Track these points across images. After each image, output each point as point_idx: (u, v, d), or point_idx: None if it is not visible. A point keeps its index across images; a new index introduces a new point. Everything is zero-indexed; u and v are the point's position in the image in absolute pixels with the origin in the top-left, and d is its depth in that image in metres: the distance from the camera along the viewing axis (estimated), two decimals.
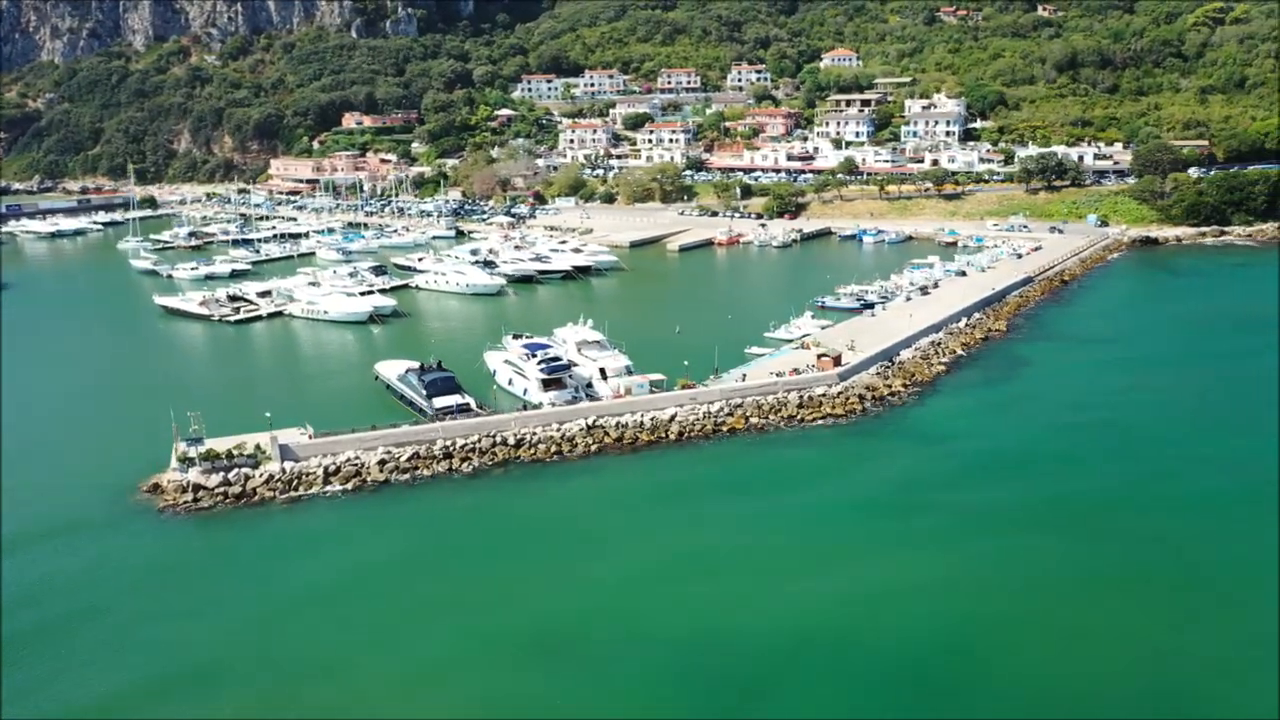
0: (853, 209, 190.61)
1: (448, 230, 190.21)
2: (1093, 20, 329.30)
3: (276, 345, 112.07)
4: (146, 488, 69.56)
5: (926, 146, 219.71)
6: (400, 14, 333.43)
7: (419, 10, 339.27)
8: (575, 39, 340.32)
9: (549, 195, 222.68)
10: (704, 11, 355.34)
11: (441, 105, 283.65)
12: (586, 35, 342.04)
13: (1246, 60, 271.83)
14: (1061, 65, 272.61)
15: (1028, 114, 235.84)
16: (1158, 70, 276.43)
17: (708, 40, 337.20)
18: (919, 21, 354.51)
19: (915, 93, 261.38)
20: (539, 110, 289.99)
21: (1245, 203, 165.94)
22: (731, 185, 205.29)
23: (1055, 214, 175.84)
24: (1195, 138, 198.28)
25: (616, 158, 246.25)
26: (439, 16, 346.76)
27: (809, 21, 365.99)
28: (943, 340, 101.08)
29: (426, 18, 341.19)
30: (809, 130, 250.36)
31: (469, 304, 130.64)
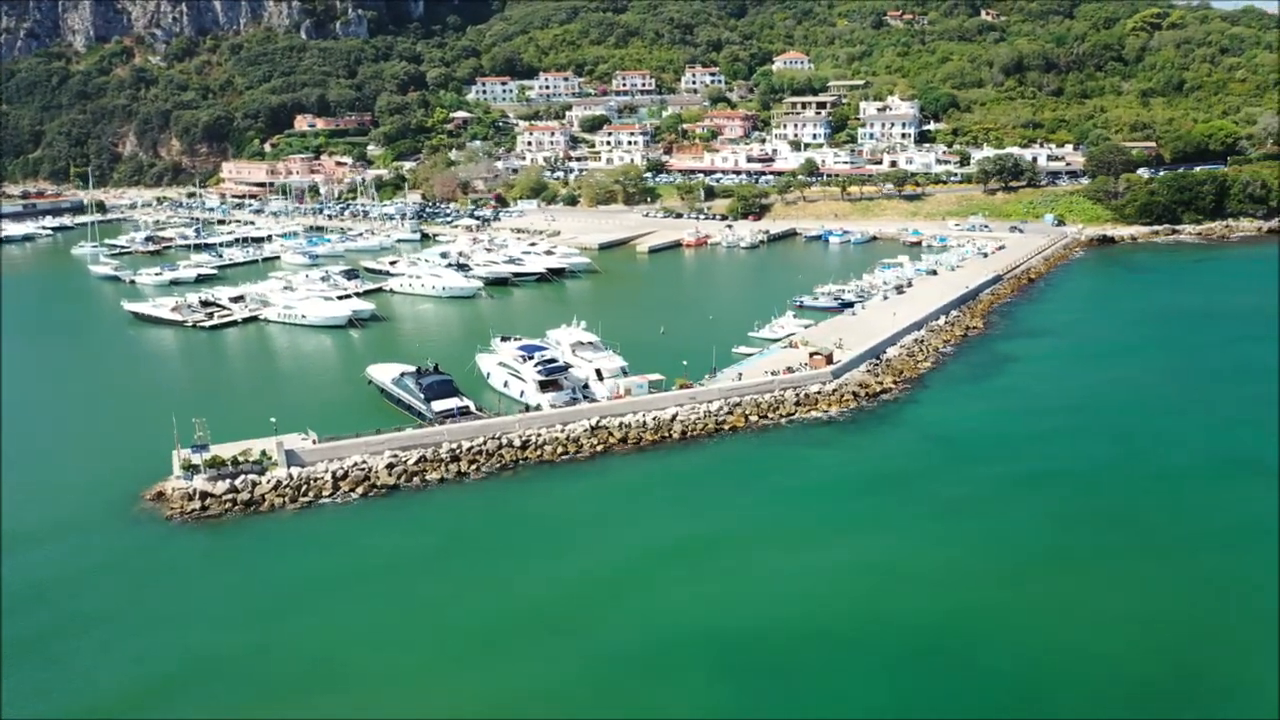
0: (816, 210, 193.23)
1: (412, 233, 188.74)
2: (1035, 25, 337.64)
3: (258, 351, 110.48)
4: (150, 496, 68.43)
5: (883, 148, 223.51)
6: (350, 15, 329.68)
7: (369, 11, 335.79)
8: (528, 41, 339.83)
9: (511, 198, 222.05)
10: (655, 14, 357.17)
11: (396, 107, 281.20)
12: (539, 37, 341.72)
13: (1184, 64, 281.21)
14: (1008, 69, 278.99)
15: (980, 116, 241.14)
16: (1100, 74, 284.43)
17: (660, 43, 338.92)
18: (867, 25, 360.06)
19: (869, 95, 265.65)
20: (495, 113, 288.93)
21: (1194, 202, 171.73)
22: (695, 187, 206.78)
23: (1013, 214, 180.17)
24: (1143, 139, 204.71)
25: (576, 160, 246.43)
26: (389, 18, 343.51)
27: (759, 24, 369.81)
28: (925, 338, 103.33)
29: (377, 19, 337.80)
30: (767, 132, 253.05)
31: (446, 307, 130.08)
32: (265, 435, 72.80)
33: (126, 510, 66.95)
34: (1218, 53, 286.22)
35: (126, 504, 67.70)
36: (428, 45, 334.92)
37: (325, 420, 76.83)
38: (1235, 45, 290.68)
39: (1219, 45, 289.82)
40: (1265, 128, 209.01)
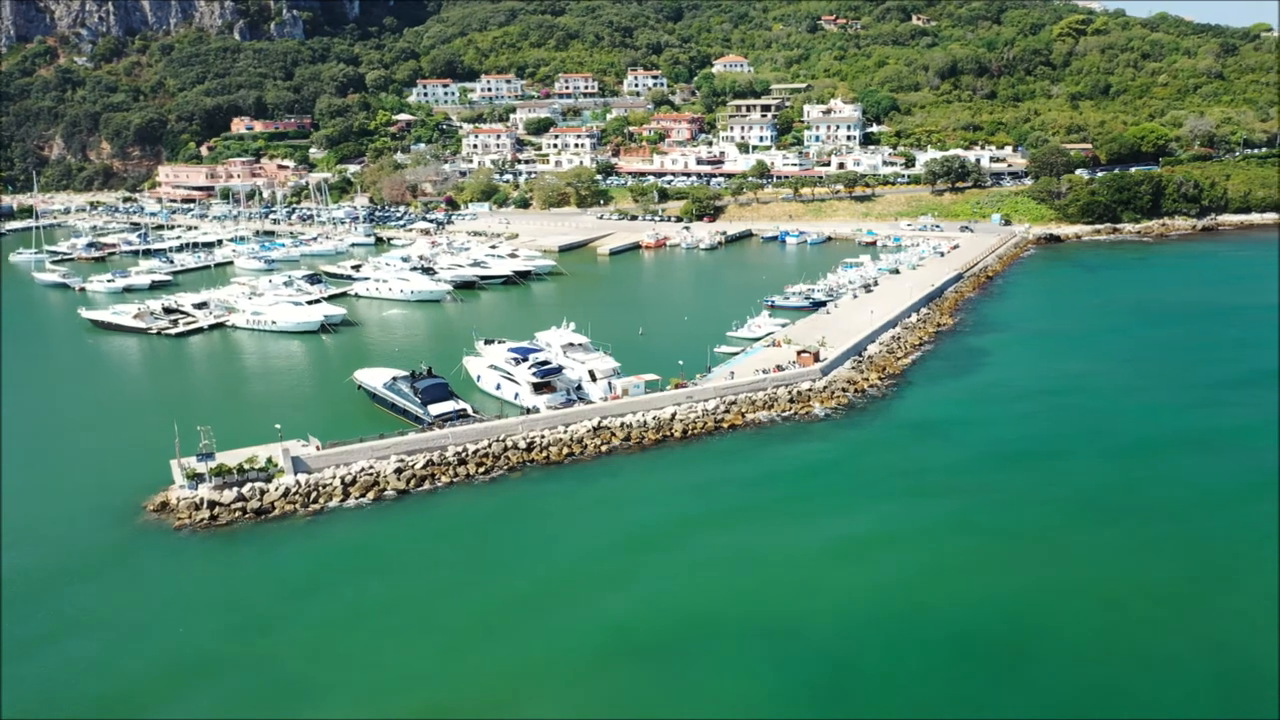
0: (769, 211, 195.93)
1: (366, 237, 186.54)
2: (965, 30, 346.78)
3: (231, 358, 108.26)
4: (153, 507, 67.13)
5: (830, 150, 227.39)
6: (286, 16, 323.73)
7: (304, 12, 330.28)
8: (467, 43, 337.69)
9: (461, 201, 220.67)
10: (595, 17, 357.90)
11: (337, 110, 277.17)
12: (478, 40, 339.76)
13: (1108, 69, 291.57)
14: (944, 73, 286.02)
15: (920, 119, 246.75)
16: (1030, 78, 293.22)
17: (601, 46, 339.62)
18: (802, 29, 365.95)
19: (812, 98, 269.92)
20: (438, 115, 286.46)
21: (1132, 202, 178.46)
22: (649, 189, 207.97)
23: (961, 214, 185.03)
24: (1079, 141, 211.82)
25: (524, 163, 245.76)
26: (325, 19, 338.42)
27: (696, 28, 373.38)
28: (901, 335, 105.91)
29: (313, 20, 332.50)
30: (713, 135, 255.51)
31: (415, 311, 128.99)
32: (259, 443, 71.92)
33: (130, 522, 65.58)
34: (1139, 58, 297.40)
35: (128, 515, 66.34)
36: (365, 47, 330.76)
37: (317, 426, 76.06)
38: (1156, 50, 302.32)
39: (1140, 50, 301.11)
40: (1192, 130, 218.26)
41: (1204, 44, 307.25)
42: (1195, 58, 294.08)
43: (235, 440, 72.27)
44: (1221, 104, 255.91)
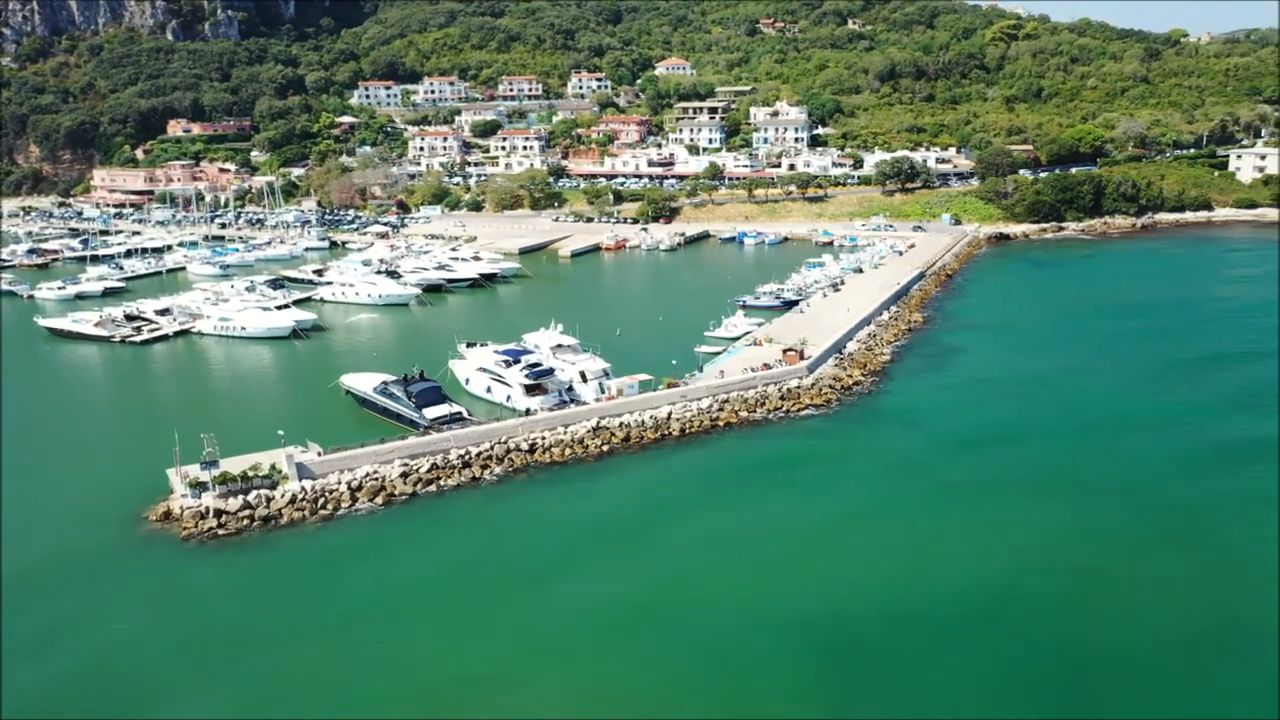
0: (724, 212, 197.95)
1: (320, 241, 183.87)
2: (900, 35, 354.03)
3: (204, 365, 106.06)
4: (156, 517, 65.71)
5: (778, 152, 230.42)
6: (220, 16, 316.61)
7: (239, 12, 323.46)
8: (408, 45, 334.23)
9: (413, 204, 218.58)
10: (536, 20, 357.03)
11: (278, 112, 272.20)
12: (419, 41, 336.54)
13: (1040, 73, 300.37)
14: (883, 76, 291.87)
15: (865, 121, 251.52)
16: (965, 81, 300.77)
17: (543, 48, 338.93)
18: (741, 33, 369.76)
19: (757, 100, 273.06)
20: (381, 117, 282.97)
21: (1075, 201, 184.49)
22: (603, 191, 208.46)
23: (912, 214, 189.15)
24: (1020, 143, 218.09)
25: (473, 165, 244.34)
26: (260, 19, 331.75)
27: (635, 31, 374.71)
28: (876, 332, 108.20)
29: (248, 20, 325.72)
30: (662, 137, 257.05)
31: (383, 315, 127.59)
32: (250, 450, 70.56)
33: (132, 533, 64.21)
34: (1069, 62, 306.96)
35: (129, 526, 64.94)
36: (303, 48, 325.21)
37: (307, 431, 74.87)
38: (1084, 55, 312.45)
39: (1069, 55, 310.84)
40: (1125, 132, 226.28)
41: (1128, 49, 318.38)
42: (1121, 62, 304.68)
43: (228, 448, 70.70)
44: (1148, 107, 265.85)
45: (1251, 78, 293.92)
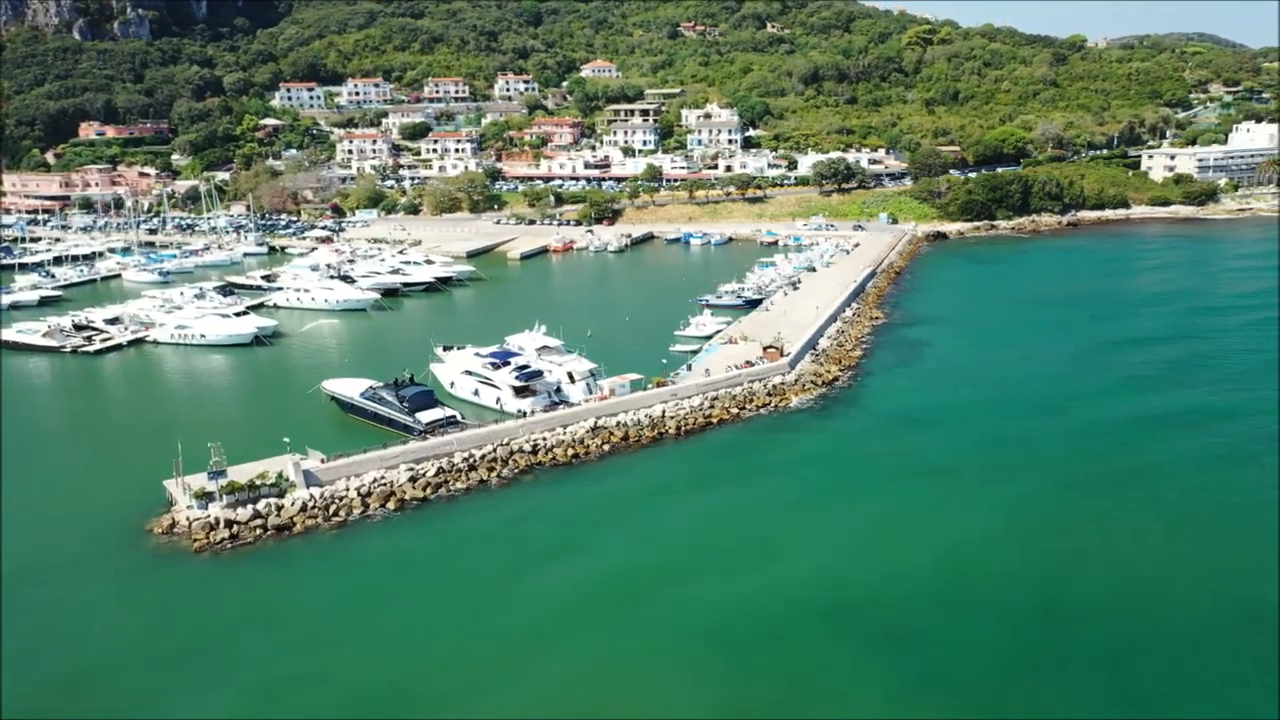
0: (666, 214, 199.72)
1: (258, 246, 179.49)
2: (819, 38, 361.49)
3: (166, 375, 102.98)
4: (161, 530, 63.90)
5: (713, 154, 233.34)
6: (130, 15, 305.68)
7: (150, 11, 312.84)
8: (327, 45, 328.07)
9: (347, 208, 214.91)
10: (458, 21, 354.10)
11: (198, 115, 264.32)
12: (339, 42, 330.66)
13: (956, 76, 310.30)
14: (806, 79, 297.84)
15: (795, 123, 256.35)
16: (885, 84, 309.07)
17: (467, 50, 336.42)
18: (663, 36, 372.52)
19: (687, 103, 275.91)
20: (305, 120, 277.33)
21: (1005, 200, 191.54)
22: (544, 193, 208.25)
23: (850, 214, 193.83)
24: (947, 144, 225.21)
25: (406, 168, 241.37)
26: (172, 19, 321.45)
27: (558, 33, 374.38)
28: (844, 328, 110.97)
29: (159, 20, 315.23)
30: (596, 139, 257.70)
31: (342, 320, 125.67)
32: (242, 460, 68.88)
33: (138, 547, 62.32)
34: (982, 65, 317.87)
35: (134, 541, 62.99)
36: (219, 48, 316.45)
37: (293, 438, 73.17)
38: (996, 59, 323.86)
39: (982, 59, 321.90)
40: (1043, 133, 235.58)
41: (1037, 54, 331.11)
42: (1031, 66, 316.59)
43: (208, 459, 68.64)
44: (1059, 109, 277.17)
45: (1152, 81, 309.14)
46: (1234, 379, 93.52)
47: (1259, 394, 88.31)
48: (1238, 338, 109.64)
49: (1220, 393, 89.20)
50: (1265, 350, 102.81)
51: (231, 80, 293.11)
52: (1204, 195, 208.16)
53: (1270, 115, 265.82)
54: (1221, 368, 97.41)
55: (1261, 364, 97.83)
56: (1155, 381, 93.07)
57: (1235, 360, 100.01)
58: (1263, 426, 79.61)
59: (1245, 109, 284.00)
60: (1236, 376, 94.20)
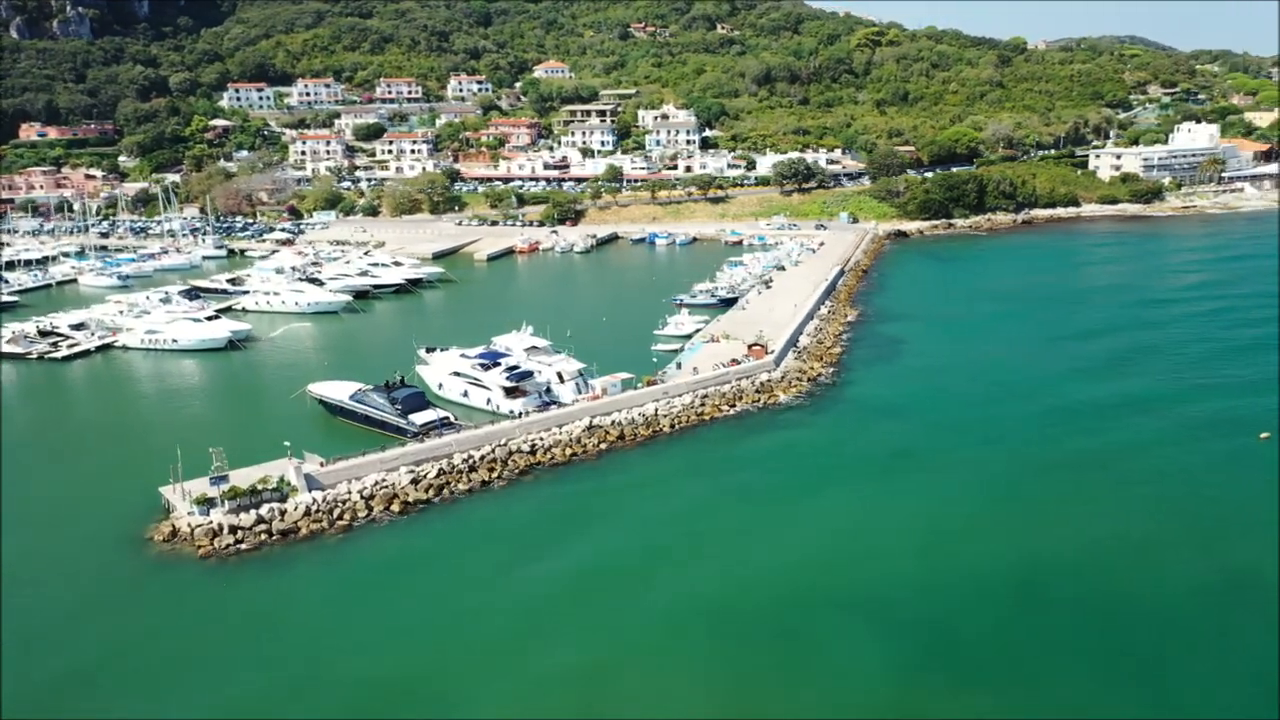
0: (629, 214, 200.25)
1: (217, 249, 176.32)
2: (769, 39, 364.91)
3: (140, 381, 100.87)
4: (161, 537, 62.79)
5: (671, 154, 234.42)
6: (70, 13, 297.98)
7: (90, 10, 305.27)
8: (275, 45, 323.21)
9: (304, 209, 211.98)
10: (408, 21, 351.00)
11: (144, 115, 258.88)
12: (288, 42, 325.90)
13: (905, 77, 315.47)
14: (759, 80, 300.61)
15: (751, 124, 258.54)
16: (836, 85, 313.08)
17: (418, 50, 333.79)
18: (614, 36, 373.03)
19: (642, 104, 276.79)
20: (255, 121, 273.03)
21: (961, 199, 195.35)
22: (506, 194, 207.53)
23: (810, 213, 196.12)
24: (902, 144, 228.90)
25: (363, 170, 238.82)
26: (114, 18, 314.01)
27: (508, 33, 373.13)
28: (821, 326, 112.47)
29: (100, 18, 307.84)
30: (553, 140, 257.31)
31: (315, 323, 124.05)
32: (234, 465, 67.79)
33: (139, 555, 61.23)
34: (930, 67, 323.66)
35: (135, 549, 61.86)
36: (163, 48, 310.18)
37: (280, 442, 72.28)
38: (943, 61, 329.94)
39: (930, 60, 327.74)
40: (994, 133, 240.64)
41: (983, 55, 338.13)
42: (978, 68, 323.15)
43: (203, 465, 67.47)
44: (1006, 110, 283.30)
45: (1093, 83, 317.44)
46: (1180, 367, 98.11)
47: (1197, 381, 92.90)
48: (1182, 328, 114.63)
49: (1167, 380, 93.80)
50: (1208, 340, 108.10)
51: (177, 80, 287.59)
52: (1150, 193, 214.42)
53: (1206, 116, 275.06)
54: (1168, 357, 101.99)
55: (1203, 353, 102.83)
56: (1108, 370, 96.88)
57: (1178, 350, 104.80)
58: (1205, 411, 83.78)
59: (1183, 110, 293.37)
60: (1182, 365, 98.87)
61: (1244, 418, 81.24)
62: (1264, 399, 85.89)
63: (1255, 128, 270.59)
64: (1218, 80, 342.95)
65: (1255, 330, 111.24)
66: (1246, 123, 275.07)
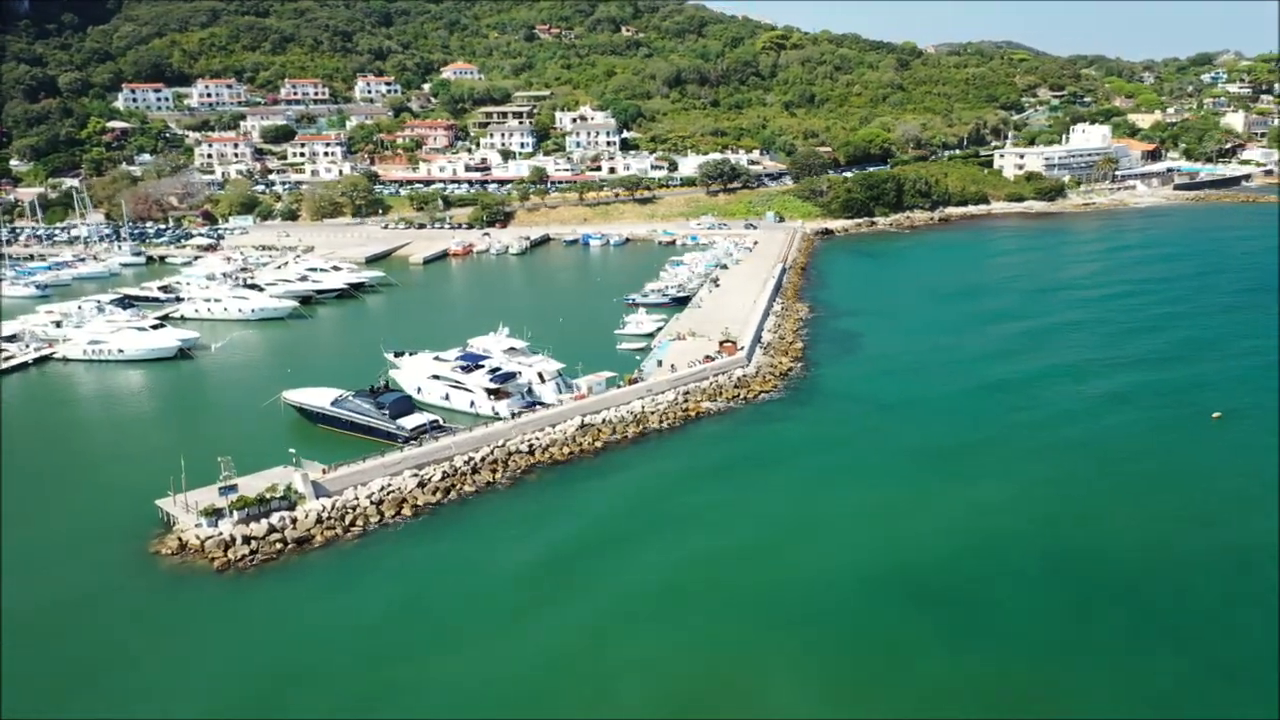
0: (558, 215, 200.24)
1: (135, 256, 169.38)
2: (674, 42, 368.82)
3: (89, 394, 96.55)
4: (169, 550, 60.88)
5: (592, 155, 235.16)
6: None
7: None
8: (170, 44, 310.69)
9: (219, 214, 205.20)
10: (309, 21, 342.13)
11: (35, 117, 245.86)
12: (183, 41, 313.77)
13: (810, 80, 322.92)
14: (670, 82, 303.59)
15: (668, 125, 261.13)
16: (744, 87, 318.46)
17: (321, 50, 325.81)
18: (519, 38, 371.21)
19: (558, 105, 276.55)
20: (155, 123, 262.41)
21: (881, 198, 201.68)
22: (432, 197, 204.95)
23: (737, 213, 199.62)
24: (819, 145, 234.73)
25: (276, 173, 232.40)
26: None
27: (412, 34, 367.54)
28: (778, 323, 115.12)
29: None
30: (471, 142, 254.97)
31: (261, 331, 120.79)
32: (212, 479, 65.99)
33: (150, 571, 59.28)
34: (834, 70, 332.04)
35: (144, 564, 59.93)
36: (49, 46, 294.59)
37: (266, 451, 71.10)
38: (846, 64, 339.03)
39: (833, 64, 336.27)
40: (904, 134, 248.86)
41: (883, 59, 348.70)
42: (879, 71, 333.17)
43: (192, 475, 65.42)
44: (909, 112, 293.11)
45: (987, 86, 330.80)
46: (1092, 345, 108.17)
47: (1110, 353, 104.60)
48: (1093, 310, 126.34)
49: (1087, 354, 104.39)
50: (1114, 321, 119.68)
51: (67, 80, 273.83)
52: (1053, 191, 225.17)
53: (1093, 118, 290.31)
54: (1088, 333, 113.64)
55: (1111, 331, 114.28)
56: (1028, 350, 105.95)
57: (1094, 329, 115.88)
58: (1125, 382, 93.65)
59: (1071, 112, 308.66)
60: (1094, 343, 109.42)
61: (1176, 387, 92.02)
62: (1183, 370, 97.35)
63: (1139, 128, 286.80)
64: (1099, 83, 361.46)
65: (1159, 310, 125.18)
66: (1130, 124, 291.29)
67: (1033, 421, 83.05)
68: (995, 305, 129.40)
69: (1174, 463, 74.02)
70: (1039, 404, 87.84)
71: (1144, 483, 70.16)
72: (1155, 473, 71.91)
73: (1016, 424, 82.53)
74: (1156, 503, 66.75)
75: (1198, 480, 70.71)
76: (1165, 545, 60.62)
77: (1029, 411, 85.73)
